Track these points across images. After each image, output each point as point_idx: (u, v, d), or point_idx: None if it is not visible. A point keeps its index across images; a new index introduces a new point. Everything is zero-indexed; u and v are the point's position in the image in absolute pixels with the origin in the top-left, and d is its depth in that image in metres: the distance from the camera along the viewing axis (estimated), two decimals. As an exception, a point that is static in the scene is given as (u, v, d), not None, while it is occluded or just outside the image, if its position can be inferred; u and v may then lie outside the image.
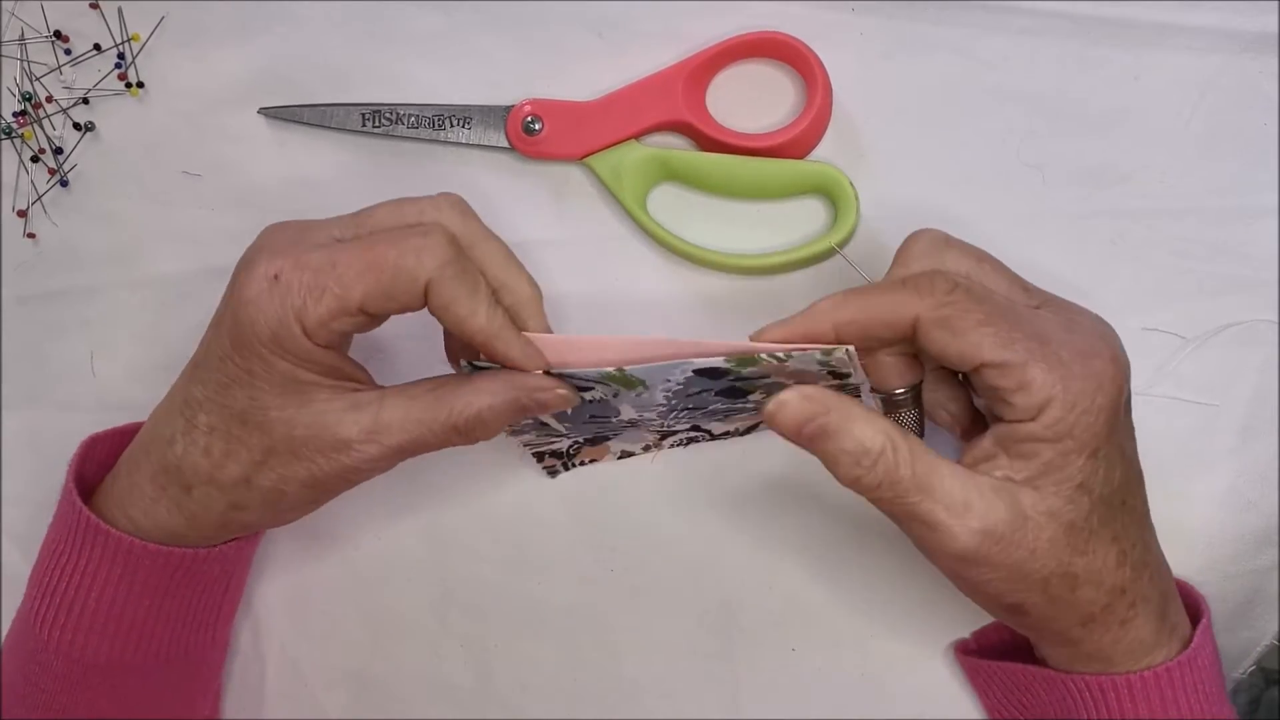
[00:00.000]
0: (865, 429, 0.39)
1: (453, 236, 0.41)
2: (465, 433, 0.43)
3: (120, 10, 0.53)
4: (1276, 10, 0.47)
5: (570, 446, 0.51)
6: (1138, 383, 0.49)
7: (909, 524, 0.40)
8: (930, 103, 0.49)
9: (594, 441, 0.51)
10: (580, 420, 0.47)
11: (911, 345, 0.41)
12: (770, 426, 0.40)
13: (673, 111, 0.49)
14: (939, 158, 0.49)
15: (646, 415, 0.46)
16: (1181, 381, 0.49)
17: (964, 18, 0.49)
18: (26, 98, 0.53)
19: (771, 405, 0.39)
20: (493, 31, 0.51)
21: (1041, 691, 0.45)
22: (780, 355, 0.41)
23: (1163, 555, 0.43)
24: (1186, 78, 0.48)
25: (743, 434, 0.51)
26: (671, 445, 0.51)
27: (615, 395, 0.44)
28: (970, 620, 0.50)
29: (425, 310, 0.42)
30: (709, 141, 0.49)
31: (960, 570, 0.40)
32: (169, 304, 0.54)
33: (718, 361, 0.41)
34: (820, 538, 0.52)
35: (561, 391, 0.43)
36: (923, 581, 0.51)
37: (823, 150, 0.50)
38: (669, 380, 0.42)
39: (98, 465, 0.48)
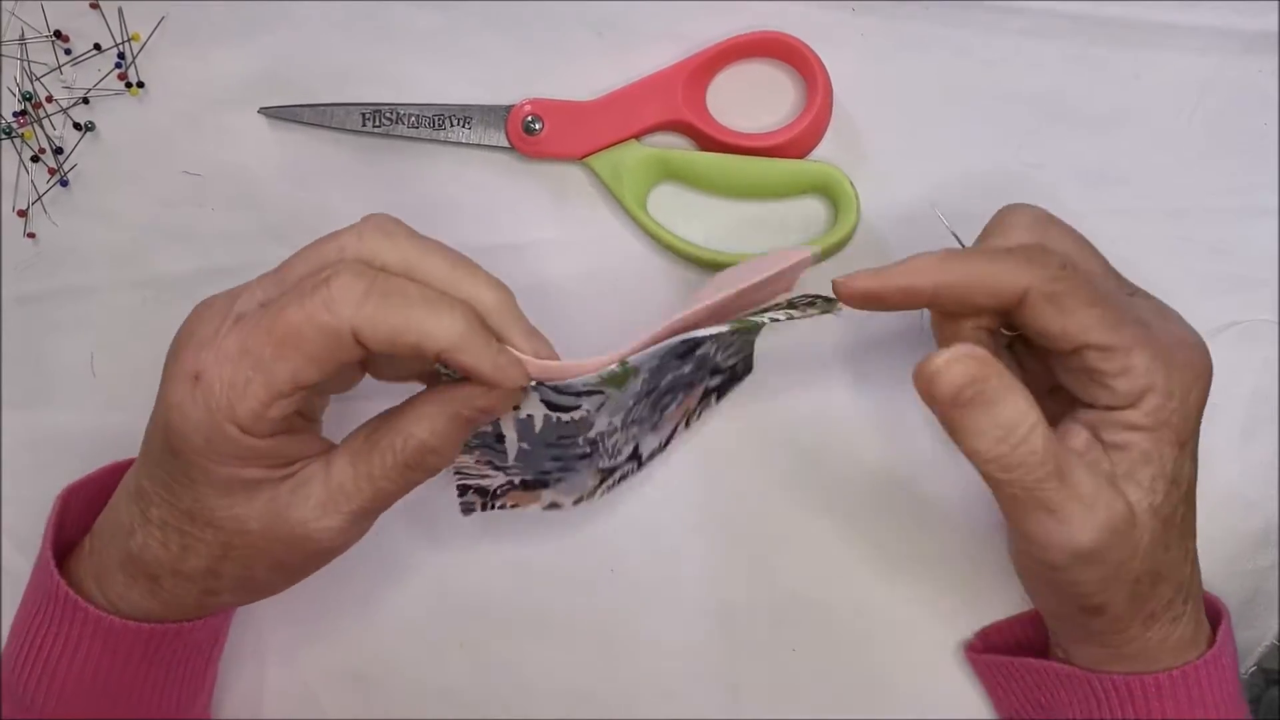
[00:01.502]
0: (1022, 402, 0.36)
1: (361, 266, 0.37)
2: (420, 467, 0.39)
3: (120, 10, 0.53)
4: (1276, 10, 0.47)
5: (499, 487, 0.47)
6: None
7: (1032, 512, 0.37)
8: (930, 102, 0.49)
9: (528, 486, 0.47)
10: (542, 446, 0.43)
11: (1001, 318, 0.40)
12: (922, 386, 0.36)
13: (673, 111, 0.49)
14: (939, 157, 0.49)
15: (614, 420, 0.43)
16: (1182, 381, 0.49)
17: (964, 18, 0.49)
18: (27, 97, 0.53)
19: (935, 363, 0.36)
20: (493, 31, 0.51)
21: (1062, 690, 0.44)
22: (779, 318, 0.40)
23: None
24: (1186, 78, 0.48)
25: (665, 446, 0.49)
26: (603, 493, 0.49)
27: (600, 407, 0.41)
28: (970, 621, 0.50)
29: None
30: (709, 141, 0.49)
31: (1068, 566, 0.38)
32: (169, 304, 0.54)
33: (722, 330, 0.40)
34: (821, 538, 0.52)
35: (503, 389, 0.38)
36: (923, 582, 0.51)
37: (823, 150, 0.50)
38: (656, 359, 0.41)
39: (77, 515, 0.46)
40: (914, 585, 0.51)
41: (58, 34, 0.53)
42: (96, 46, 0.53)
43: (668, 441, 0.50)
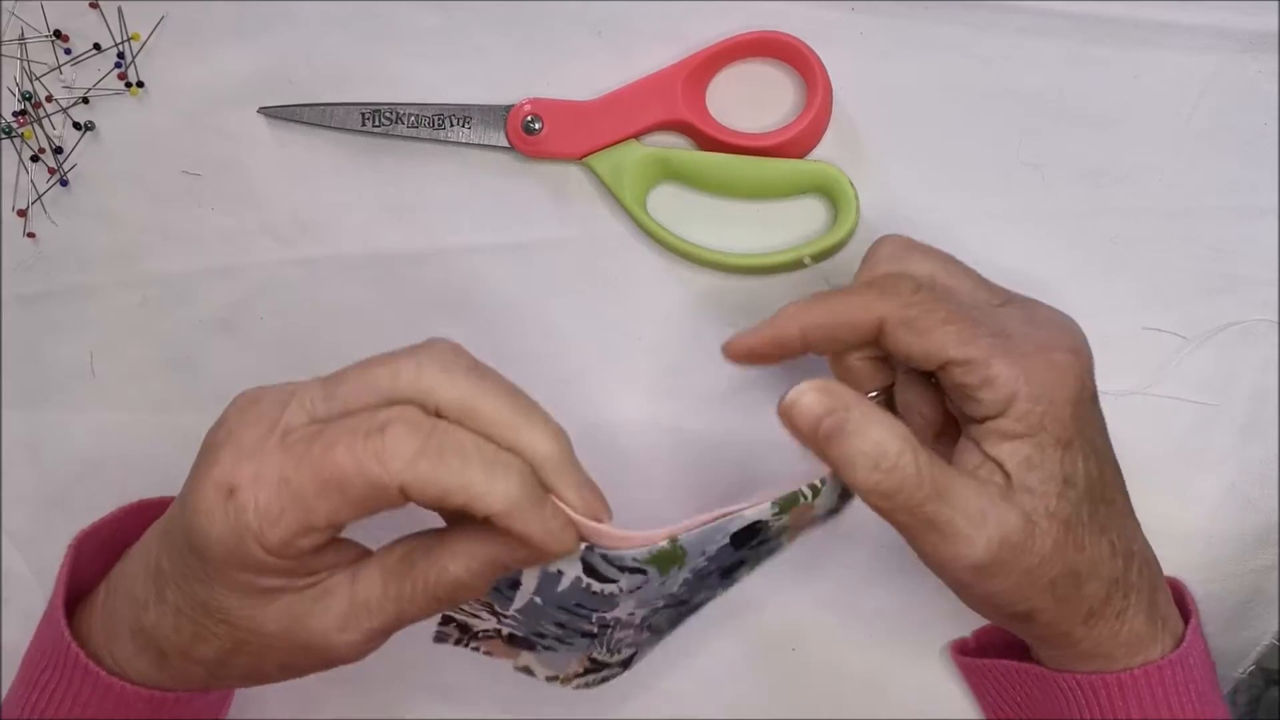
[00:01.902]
0: (885, 430, 0.38)
1: (419, 419, 0.36)
2: (448, 600, 0.38)
3: (120, 10, 0.53)
4: (1276, 10, 0.47)
5: (484, 631, 0.44)
6: (1137, 382, 0.49)
7: (923, 534, 0.39)
8: (930, 102, 0.49)
9: (513, 642, 0.44)
10: (554, 608, 0.41)
11: (878, 347, 0.41)
12: (785, 421, 0.38)
13: (673, 111, 0.49)
14: (939, 157, 0.49)
15: (636, 614, 0.42)
16: (1181, 381, 0.49)
17: (964, 17, 0.49)
18: (26, 97, 0.53)
19: (789, 396, 0.38)
20: (493, 31, 0.51)
21: (1035, 689, 0.45)
22: (817, 484, 0.40)
23: (1149, 547, 0.43)
24: (1186, 77, 0.48)
25: (624, 666, 0.47)
26: (577, 686, 0.47)
27: (635, 589, 0.39)
28: (971, 620, 0.50)
29: None
30: (709, 141, 0.49)
31: (973, 581, 0.39)
32: (169, 304, 0.54)
33: (765, 512, 0.39)
34: (821, 538, 0.51)
35: (552, 530, 0.37)
36: (923, 581, 0.51)
37: (822, 150, 0.50)
38: (704, 553, 0.40)
39: (89, 559, 0.45)
40: (914, 585, 0.51)
41: (57, 34, 0.53)
42: (96, 46, 0.53)
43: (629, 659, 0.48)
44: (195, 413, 0.47)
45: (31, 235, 0.54)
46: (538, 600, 0.41)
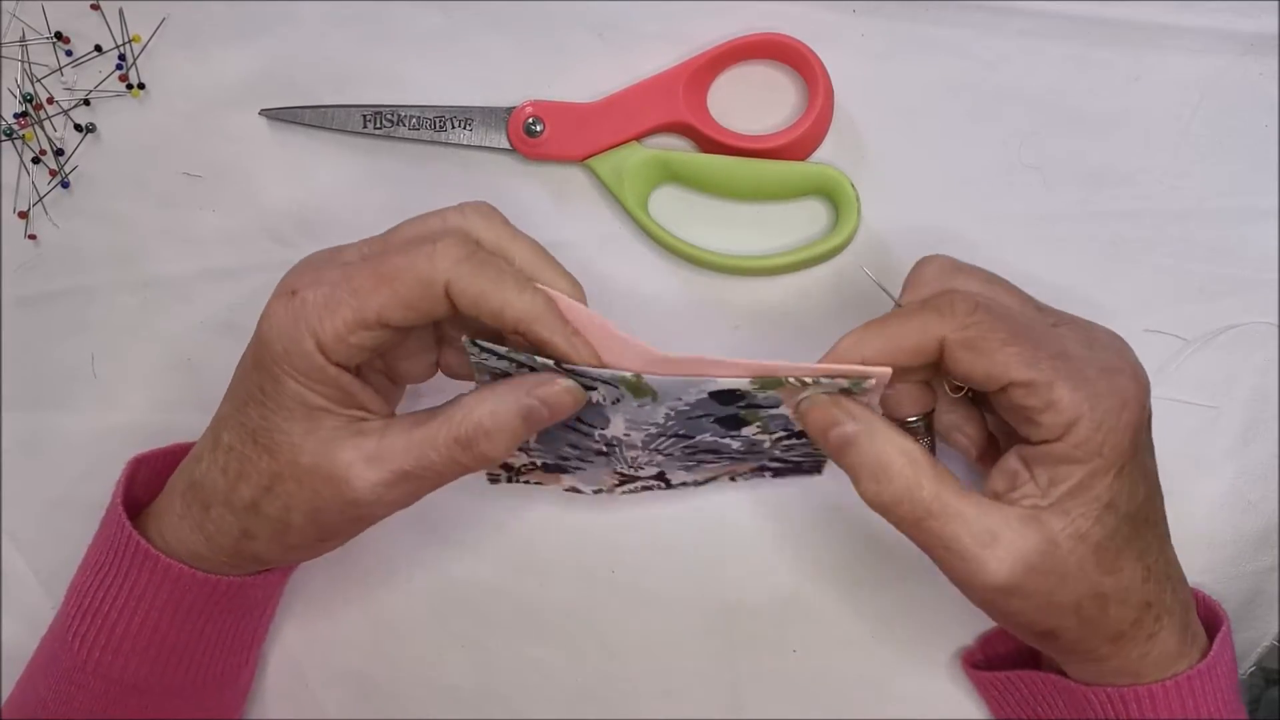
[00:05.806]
0: (887, 445, 0.39)
1: (466, 235, 0.41)
2: (468, 445, 0.41)
3: (121, 11, 0.53)
4: (1276, 11, 0.47)
5: (523, 465, 0.49)
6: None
7: (936, 551, 0.39)
8: (931, 104, 0.49)
9: (549, 470, 0.49)
10: (560, 426, 0.44)
11: (931, 371, 0.41)
12: (801, 424, 0.41)
13: (674, 113, 0.49)
14: (940, 159, 0.49)
15: (633, 435, 0.45)
16: (1182, 383, 0.49)
17: (965, 19, 0.49)
18: (28, 99, 0.53)
19: (805, 402, 0.40)
20: (494, 32, 0.51)
21: (1060, 701, 0.45)
22: (807, 380, 0.40)
23: (1180, 566, 0.43)
24: (1187, 79, 0.48)
25: (700, 484, 0.51)
26: (624, 492, 0.50)
27: (617, 401, 0.42)
28: (973, 624, 0.50)
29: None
30: (710, 143, 0.49)
31: (993, 601, 0.40)
32: (169, 305, 0.54)
33: (742, 383, 0.40)
34: (822, 538, 0.52)
35: (565, 383, 0.41)
36: (925, 583, 0.51)
37: (824, 152, 0.50)
38: (679, 399, 0.42)
39: (142, 485, 0.48)
40: (915, 587, 0.51)
41: (59, 35, 0.53)
42: (97, 48, 0.53)
43: (706, 481, 0.51)
44: (196, 414, 0.48)
45: (33, 237, 0.54)
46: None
